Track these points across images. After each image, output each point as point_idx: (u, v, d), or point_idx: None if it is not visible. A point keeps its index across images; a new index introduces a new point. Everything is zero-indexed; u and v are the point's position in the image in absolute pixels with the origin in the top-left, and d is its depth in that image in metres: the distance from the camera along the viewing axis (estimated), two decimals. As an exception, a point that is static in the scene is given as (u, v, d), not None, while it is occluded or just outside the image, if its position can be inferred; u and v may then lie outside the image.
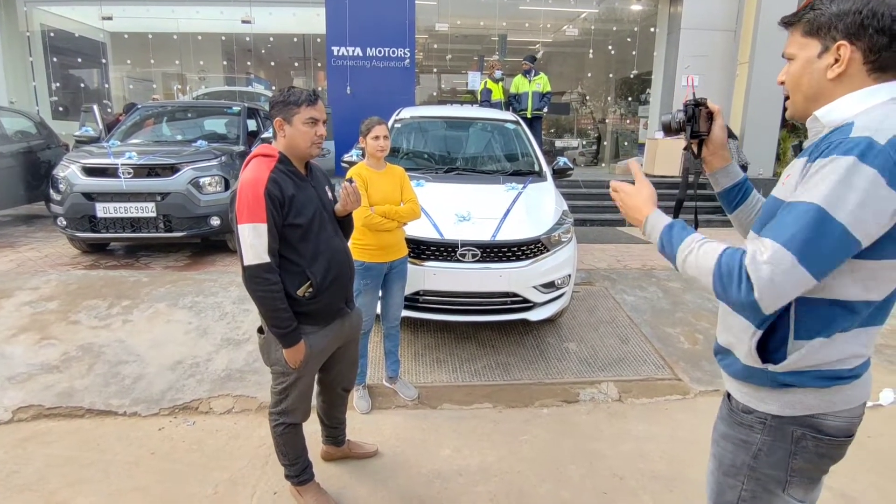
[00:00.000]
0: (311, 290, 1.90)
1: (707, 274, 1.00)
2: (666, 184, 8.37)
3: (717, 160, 1.35)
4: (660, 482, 2.44)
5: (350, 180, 2.10)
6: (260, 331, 2.00)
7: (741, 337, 1.12)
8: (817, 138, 1.04)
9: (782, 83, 1.12)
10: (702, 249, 1.03)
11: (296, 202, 1.84)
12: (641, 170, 1.26)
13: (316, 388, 2.22)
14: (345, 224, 2.13)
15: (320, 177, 2.08)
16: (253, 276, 1.80)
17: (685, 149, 1.35)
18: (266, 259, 1.78)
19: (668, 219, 1.13)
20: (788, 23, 1.09)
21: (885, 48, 0.97)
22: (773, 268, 0.91)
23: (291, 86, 1.95)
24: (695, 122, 1.29)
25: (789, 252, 0.91)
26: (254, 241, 1.77)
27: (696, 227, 1.40)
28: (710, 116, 1.31)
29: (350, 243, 2.36)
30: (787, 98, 1.13)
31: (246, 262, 1.79)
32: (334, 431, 2.45)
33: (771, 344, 1.08)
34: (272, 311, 1.83)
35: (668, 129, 1.37)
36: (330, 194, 2.09)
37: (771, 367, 1.06)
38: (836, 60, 1.01)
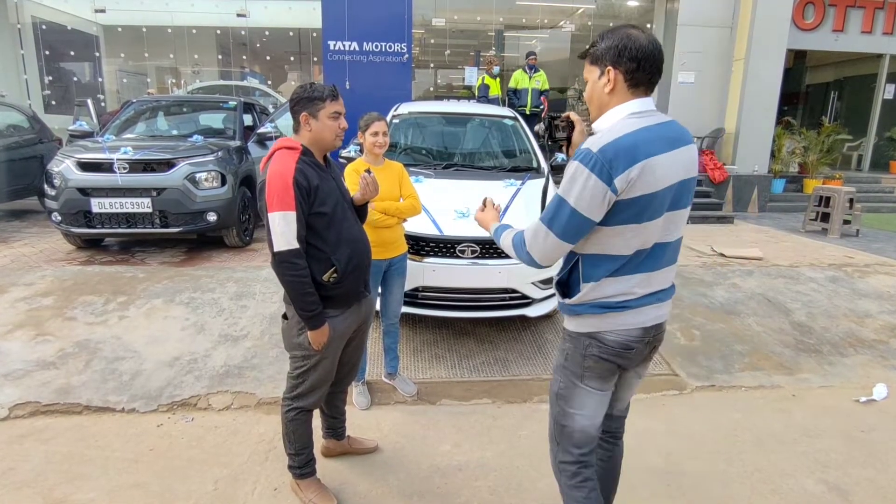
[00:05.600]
0: (336, 275, 1.98)
1: (510, 248, 1.57)
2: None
3: None
4: (657, 476, 2.47)
5: (368, 171, 2.18)
6: (284, 317, 2.08)
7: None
8: None
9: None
10: (508, 235, 1.59)
11: (320, 192, 1.93)
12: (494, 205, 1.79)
13: None
14: (360, 213, 2.22)
15: (336, 168, 2.17)
16: (283, 262, 1.87)
17: (557, 150, 1.75)
18: (295, 245, 1.86)
19: (497, 226, 1.71)
20: (583, 56, 1.54)
21: (634, 70, 1.42)
22: (534, 235, 1.47)
23: (312, 82, 2.03)
24: (552, 131, 1.70)
25: (543, 225, 1.44)
26: (283, 229, 1.84)
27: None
28: (573, 125, 1.70)
29: None
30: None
31: (276, 249, 1.86)
32: (335, 422, 2.46)
33: (570, 285, 1.56)
34: (300, 295, 1.90)
35: (538, 136, 1.76)
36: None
37: (567, 301, 1.55)
38: (608, 80, 1.45)
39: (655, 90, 1.55)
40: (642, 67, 1.42)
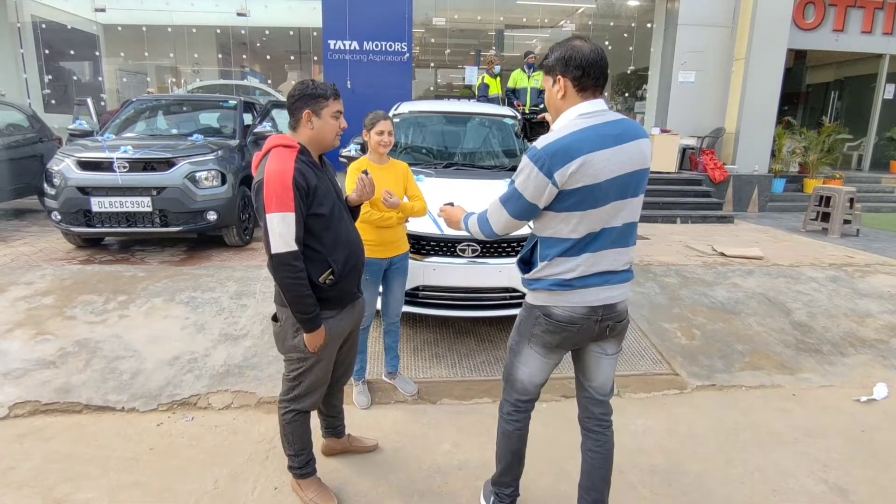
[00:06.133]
0: (333, 277, 1.95)
1: (475, 224, 1.86)
2: (662, 179, 8.40)
3: None
4: (658, 476, 2.46)
5: (365, 172, 2.17)
6: (274, 318, 2.04)
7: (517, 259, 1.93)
8: None
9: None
10: (474, 216, 1.89)
11: (318, 193, 1.89)
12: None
13: None
14: (353, 212, 2.22)
15: (331, 168, 2.13)
16: (281, 264, 1.83)
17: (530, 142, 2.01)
18: (293, 247, 1.82)
19: (465, 214, 1.98)
20: (539, 67, 1.81)
21: (581, 77, 1.63)
22: (493, 211, 1.77)
23: (311, 79, 1.99)
24: (527, 129, 1.87)
25: (500, 204, 1.73)
26: (282, 230, 1.80)
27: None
28: (547, 125, 1.86)
29: None
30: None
31: (274, 251, 1.82)
32: (333, 421, 2.46)
33: (531, 262, 1.80)
34: (298, 297, 1.87)
35: (516, 135, 1.95)
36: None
37: (525, 276, 1.81)
38: (560, 87, 1.67)
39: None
40: (587, 74, 1.62)
